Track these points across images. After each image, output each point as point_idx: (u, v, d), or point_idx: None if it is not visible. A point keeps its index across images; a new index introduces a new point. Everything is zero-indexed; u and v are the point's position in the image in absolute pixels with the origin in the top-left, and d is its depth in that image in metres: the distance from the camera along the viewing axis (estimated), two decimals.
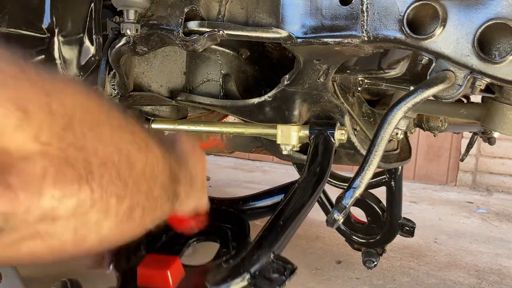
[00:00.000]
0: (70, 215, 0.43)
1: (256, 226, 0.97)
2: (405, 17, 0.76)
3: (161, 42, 0.93)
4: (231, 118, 1.51)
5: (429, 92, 0.79)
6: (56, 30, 0.95)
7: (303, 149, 1.11)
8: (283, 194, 0.96)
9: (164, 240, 0.93)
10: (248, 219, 0.95)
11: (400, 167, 1.71)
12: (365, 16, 0.79)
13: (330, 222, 0.84)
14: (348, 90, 1.21)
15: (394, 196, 1.73)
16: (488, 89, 1.15)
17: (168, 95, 1.15)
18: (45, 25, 0.94)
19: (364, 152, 1.07)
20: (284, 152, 1.08)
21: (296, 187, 0.93)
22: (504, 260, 2.47)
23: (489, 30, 0.73)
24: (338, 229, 1.84)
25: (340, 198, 0.85)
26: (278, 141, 1.06)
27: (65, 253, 0.47)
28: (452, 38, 0.76)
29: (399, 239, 1.82)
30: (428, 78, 0.80)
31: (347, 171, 2.54)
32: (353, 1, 0.79)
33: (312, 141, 1.04)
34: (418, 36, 0.77)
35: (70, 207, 0.43)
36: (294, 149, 1.07)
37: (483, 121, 1.08)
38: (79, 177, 0.42)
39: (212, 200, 1.02)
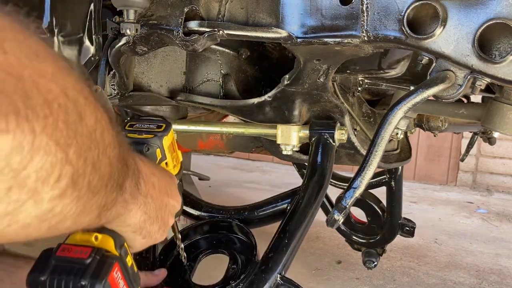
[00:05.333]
0: (1, 165, 0.35)
1: (261, 231, 0.98)
2: (405, 17, 0.76)
3: (161, 42, 0.93)
4: (231, 118, 1.51)
5: (429, 92, 0.79)
6: (56, 30, 0.94)
7: (303, 149, 1.11)
8: (287, 202, 0.97)
9: (175, 255, 0.93)
10: (253, 227, 0.96)
11: (400, 167, 1.71)
12: (365, 16, 0.79)
13: (330, 222, 0.84)
14: (348, 90, 1.21)
15: (394, 196, 1.73)
16: (488, 89, 1.15)
17: (168, 95, 1.15)
18: (45, 25, 0.94)
19: (364, 152, 1.07)
20: (284, 152, 1.08)
21: (298, 197, 0.94)
22: (504, 260, 2.47)
23: (489, 30, 0.73)
24: (338, 229, 1.84)
25: (340, 198, 0.85)
26: (278, 141, 1.06)
27: None
28: (452, 38, 0.76)
29: (399, 239, 1.82)
30: (428, 78, 0.80)
31: (347, 171, 2.55)
32: (353, 1, 0.79)
33: (312, 142, 1.04)
34: (418, 36, 0.77)
35: (2, 152, 0.35)
36: (294, 149, 1.07)
37: (483, 121, 1.08)
38: (16, 110, 0.35)
39: (217, 209, 1.03)
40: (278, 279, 0.80)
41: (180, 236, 0.89)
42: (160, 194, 0.67)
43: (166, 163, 0.78)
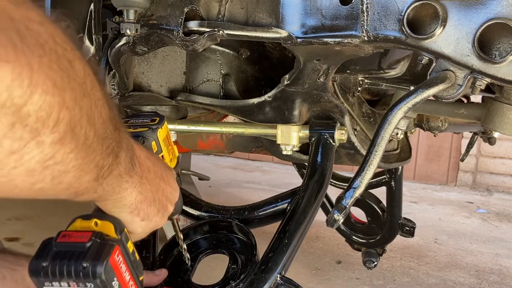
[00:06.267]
0: (3, 98, 0.37)
1: (261, 231, 0.98)
2: (405, 17, 0.76)
3: (161, 42, 0.93)
4: (231, 118, 1.51)
5: (429, 92, 0.79)
6: None
7: (303, 149, 1.11)
8: (287, 202, 0.97)
9: (175, 255, 0.93)
10: (253, 227, 0.96)
11: (400, 167, 1.70)
12: (365, 16, 0.79)
13: (330, 222, 0.84)
14: (348, 90, 1.21)
15: (394, 196, 1.73)
16: (488, 89, 1.15)
17: (168, 95, 1.15)
18: None
19: (364, 152, 1.07)
20: (284, 152, 1.08)
21: (298, 197, 0.94)
22: (504, 260, 2.47)
23: (489, 30, 0.73)
24: (338, 229, 1.84)
25: (340, 198, 0.85)
26: (278, 141, 1.06)
27: None
28: (452, 38, 0.76)
29: (399, 239, 1.82)
30: (428, 78, 0.80)
31: (347, 171, 2.55)
32: (353, 1, 0.79)
33: (312, 142, 1.04)
34: (418, 36, 0.77)
35: (3, 83, 0.37)
36: (294, 149, 1.07)
37: (483, 121, 1.08)
38: (13, 43, 0.37)
39: (217, 209, 1.03)
40: (278, 279, 0.80)
41: (182, 236, 0.89)
42: (156, 178, 0.68)
43: (162, 156, 0.78)
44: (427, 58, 0.79)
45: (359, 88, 1.23)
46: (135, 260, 0.66)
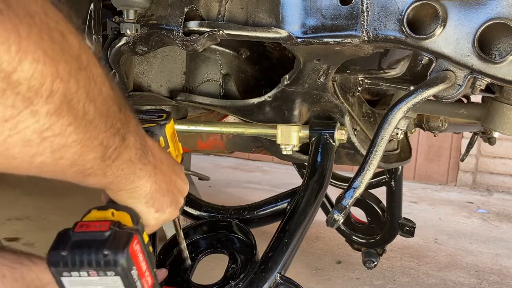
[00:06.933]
0: None
1: (261, 231, 0.98)
2: (405, 17, 0.76)
3: (161, 42, 0.93)
4: (231, 118, 1.51)
5: (429, 92, 0.79)
6: None
7: (303, 149, 1.11)
8: (286, 201, 0.97)
9: (175, 254, 0.93)
10: (253, 227, 0.96)
11: (400, 167, 1.70)
12: (365, 16, 0.79)
13: (330, 222, 0.84)
14: (348, 90, 1.21)
15: (394, 196, 1.72)
16: (488, 89, 1.15)
17: (168, 95, 1.15)
18: None
19: (364, 152, 1.07)
20: (284, 152, 1.08)
21: (298, 197, 0.94)
22: (504, 260, 2.47)
23: (489, 30, 0.73)
24: (338, 229, 1.84)
25: (340, 198, 0.85)
26: (278, 141, 1.06)
27: None
28: (452, 38, 0.76)
29: (399, 239, 1.82)
30: (428, 78, 0.80)
31: (347, 171, 2.55)
32: (353, 1, 0.79)
33: (312, 142, 1.04)
34: (418, 36, 0.77)
35: None
36: (294, 149, 1.07)
37: (483, 121, 1.08)
38: None
39: (217, 209, 1.03)
40: (278, 278, 0.80)
41: (182, 235, 0.89)
42: (168, 170, 0.68)
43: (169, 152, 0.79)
44: (427, 58, 0.79)
45: (359, 88, 1.23)
46: (150, 252, 0.66)
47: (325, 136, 1.03)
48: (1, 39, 0.38)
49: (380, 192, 1.74)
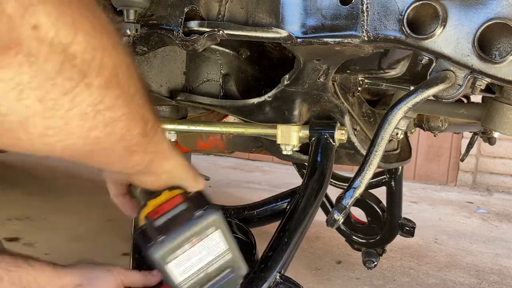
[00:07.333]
0: (51, 35, 0.38)
1: (262, 231, 0.97)
2: (405, 17, 0.76)
3: (161, 42, 0.93)
4: (231, 118, 1.51)
5: (429, 92, 0.79)
6: None
7: (303, 149, 1.11)
8: (286, 201, 0.97)
9: None
10: (252, 226, 0.96)
11: (400, 167, 1.70)
12: (365, 16, 0.79)
13: (330, 222, 0.84)
14: (348, 90, 1.21)
15: (394, 196, 1.72)
16: (488, 89, 1.15)
17: (168, 95, 1.15)
18: None
19: (364, 152, 1.07)
20: (284, 152, 1.08)
21: (297, 197, 0.94)
22: (504, 260, 2.47)
23: (489, 30, 0.73)
24: (338, 229, 1.84)
25: (340, 198, 0.85)
26: (278, 141, 1.06)
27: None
28: (452, 38, 0.76)
29: (399, 239, 1.82)
30: (428, 78, 0.80)
31: (347, 171, 2.55)
32: (353, 1, 0.79)
33: (312, 142, 1.04)
34: (418, 36, 0.77)
35: (49, 22, 0.38)
36: (294, 149, 1.07)
37: (483, 121, 1.08)
38: None
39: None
40: (278, 277, 0.80)
41: None
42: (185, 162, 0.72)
43: None
44: (427, 58, 0.79)
45: (359, 88, 1.23)
46: None
47: (325, 136, 1.03)
48: (59, 12, 0.39)
49: (380, 192, 1.74)
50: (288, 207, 0.95)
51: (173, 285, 0.60)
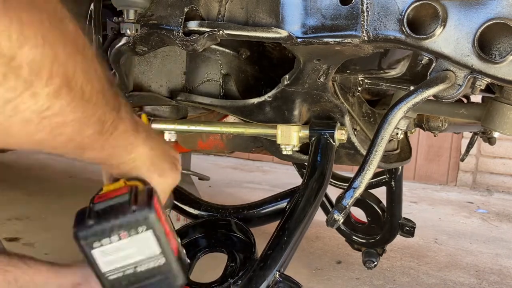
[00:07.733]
0: None
1: (262, 231, 0.97)
2: (405, 17, 0.76)
3: (161, 42, 0.93)
4: (231, 118, 1.51)
5: (429, 92, 0.79)
6: None
7: (303, 149, 1.11)
8: (286, 201, 0.97)
9: None
10: (252, 226, 0.96)
11: (400, 167, 1.70)
12: (365, 16, 0.79)
13: (330, 222, 0.84)
14: (348, 90, 1.21)
15: (394, 196, 1.72)
16: (488, 89, 1.15)
17: (168, 95, 1.15)
18: None
19: (364, 152, 1.07)
20: (284, 152, 1.08)
21: (297, 196, 0.94)
22: (504, 260, 2.47)
23: (489, 30, 0.73)
24: (338, 229, 1.84)
25: (340, 198, 0.85)
26: (278, 141, 1.06)
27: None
28: (452, 38, 0.76)
29: (399, 239, 1.82)
30: (428, 78, 0.80)
31: (347, 171, 2.55)
32: (353, 1, 0.79)
33: (312, 142, 1.04)
34: (418, 36, 0.77)
35: None
36: (294, 149, 1.07)
37: (483, 121, 1.08)
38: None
39: (216, 208, 1.03)
40: (277, 276, 0.80)
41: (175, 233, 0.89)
42: (159, 138, 0.72)
43: None
44: (427, 58, 0.79)
45: (359, 88, 1.23)
46: (167, 215, 0.68)
47: (325, 136, 1.03)
48: (3, 26, 0.39)
49: (380, 192, 1.74)
50: (288, 206, 0.95)
51: (98, 273, 0.60)
